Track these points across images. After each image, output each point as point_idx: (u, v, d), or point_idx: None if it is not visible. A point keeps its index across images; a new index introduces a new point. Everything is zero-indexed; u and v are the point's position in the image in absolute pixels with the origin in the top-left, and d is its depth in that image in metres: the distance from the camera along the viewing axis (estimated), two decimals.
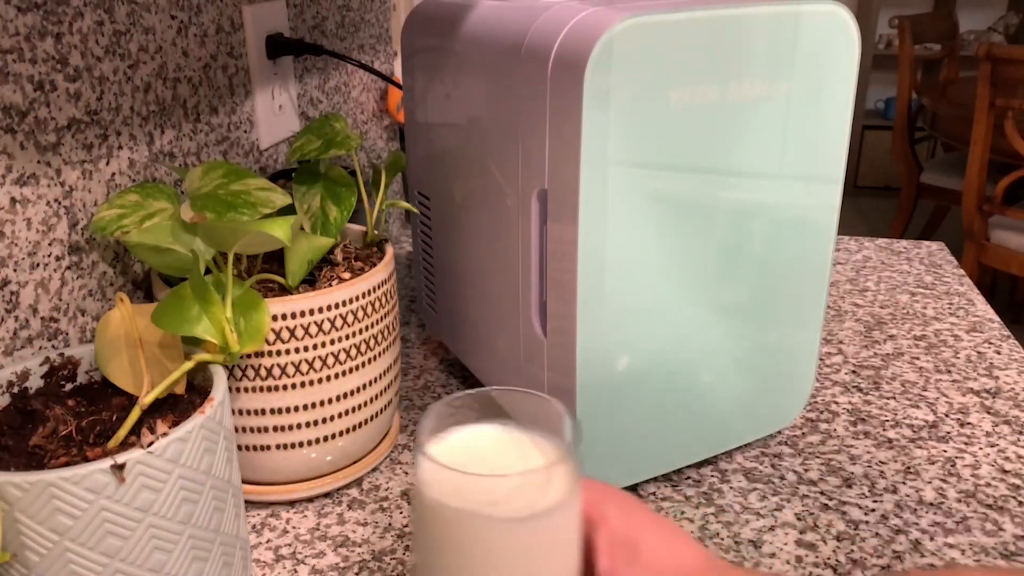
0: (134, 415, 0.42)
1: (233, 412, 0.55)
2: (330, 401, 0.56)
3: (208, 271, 0.52)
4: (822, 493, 0.59)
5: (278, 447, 0.56)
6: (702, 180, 0.53)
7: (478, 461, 0.40)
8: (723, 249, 0.56)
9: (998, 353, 0.79)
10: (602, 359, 0.54)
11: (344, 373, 0.56)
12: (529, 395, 0.40)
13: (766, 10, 0.51)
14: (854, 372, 0.76)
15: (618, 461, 0.58)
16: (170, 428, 0.40)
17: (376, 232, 0.63)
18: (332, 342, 0.55)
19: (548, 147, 0.51)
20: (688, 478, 0.61)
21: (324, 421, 0.57)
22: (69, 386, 0.47)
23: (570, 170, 0.50)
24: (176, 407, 0.44)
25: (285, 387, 0.55)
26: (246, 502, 0.58)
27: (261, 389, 0.54)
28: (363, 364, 0.57)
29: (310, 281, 0.58)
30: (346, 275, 0.58)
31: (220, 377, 0.45)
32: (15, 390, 0.45)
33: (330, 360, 0.55)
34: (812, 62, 0.53)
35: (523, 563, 0.37)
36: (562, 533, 0.38)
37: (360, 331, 0.56)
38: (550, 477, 0.37)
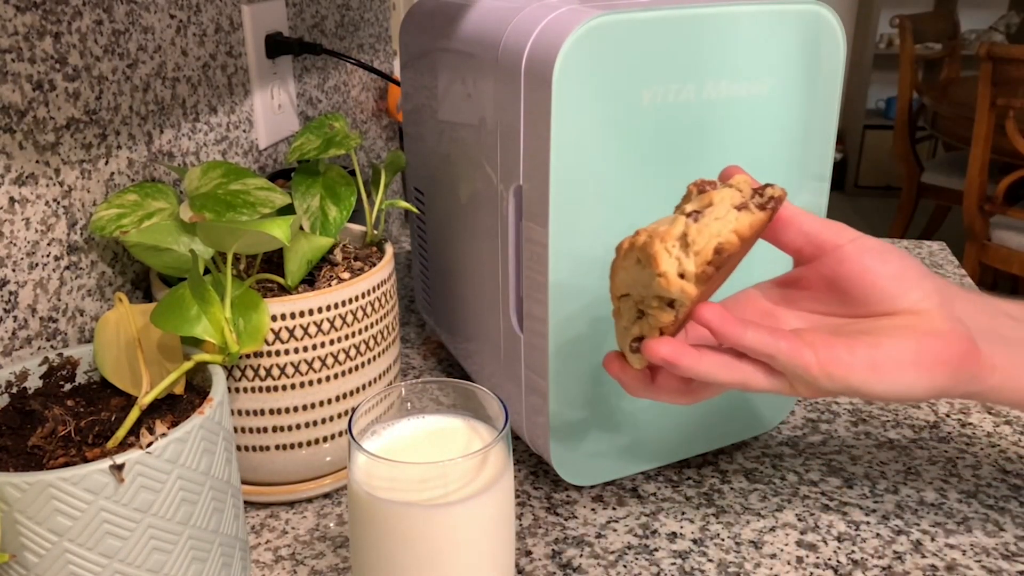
0: (133, 415, 0.42)
1: (232, 412, 0.55)
2: (330, 402, 0.56)
3: (207, 271, 0.52)
4: (823, 494, 0.59)
5: (277, 447, 0.56)
6: (678, 180, 0.53)
7: (413, 451, 0.43)
8: None
9: None
10: (575, 358, 0.54)
11: (344, 373, 0.56)
12: (465, 386, 0.44)
13: (744, 9, 0.50)
14: None
15: (592, 460, 0.58)
16: (169, 428, 0.40)
17: (376, 232, 0.63)
18: (332, 342, 0.55)
19: (523, 145, 0.51)
20: (689, 479, 0.61)
21: (324, 422, 0.56)
22: (68, 386, 0.47)
23: (541, 170, 0.50)
24: (175, 407, 0.44)
25: (284, 387, 0.54)
26: (245, 502, 0.58)
27: (260, 389, 0.54)
28: (363, 364, 0.57)
29: (309, 281, 0.58)
30: (346, 275, 0.58)
31: (219, 377, 0.45)
32: (14, 390, 0.45)
33: (329, 360, 0.55)
34: (794, 62, 0.53)
35: (458, 547, 0.39)
36: (497, 512, 0.40)
37: (360, 331, 0.56)
38: (485, 460, 0.40)
